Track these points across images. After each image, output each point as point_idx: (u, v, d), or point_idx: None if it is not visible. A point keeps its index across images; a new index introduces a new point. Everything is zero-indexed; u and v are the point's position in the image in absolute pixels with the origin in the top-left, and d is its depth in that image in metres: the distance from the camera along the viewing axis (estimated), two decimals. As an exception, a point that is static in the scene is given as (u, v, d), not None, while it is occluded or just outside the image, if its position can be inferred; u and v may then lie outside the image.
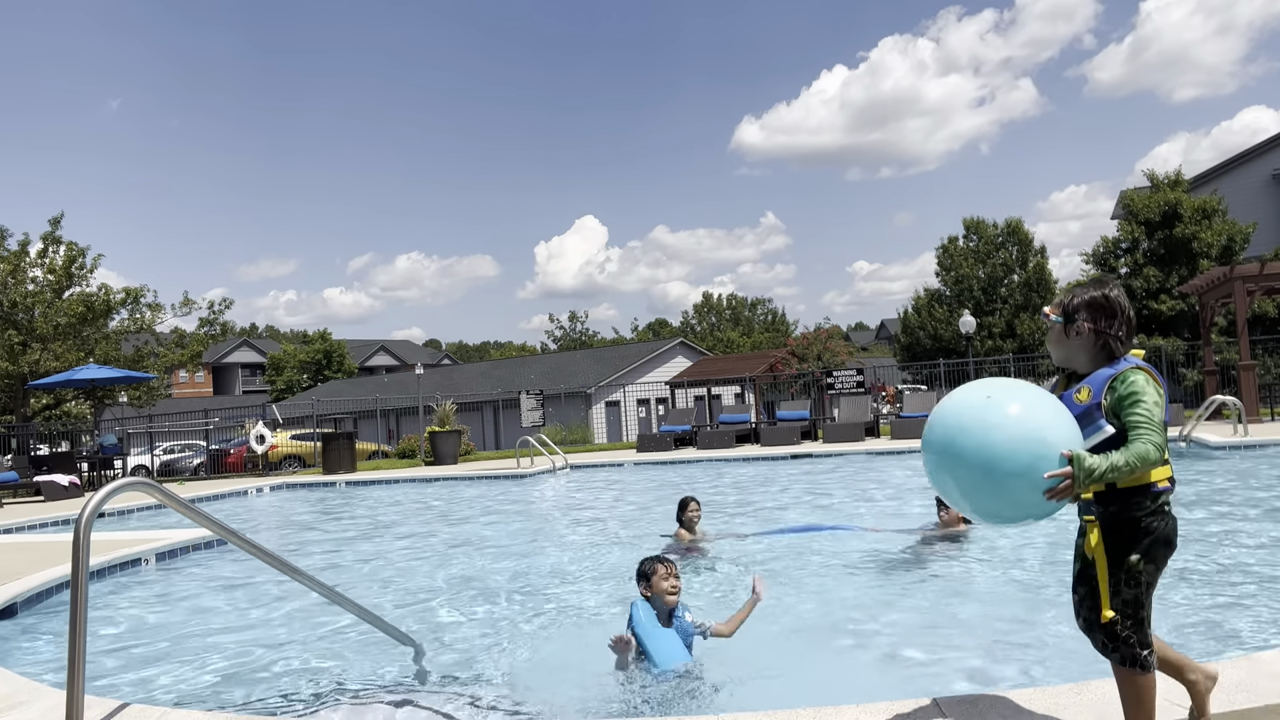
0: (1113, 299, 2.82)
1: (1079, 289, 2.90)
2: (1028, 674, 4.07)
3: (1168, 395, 2.77)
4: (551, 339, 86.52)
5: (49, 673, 4.75)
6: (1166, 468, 2.71)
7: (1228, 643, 4.35)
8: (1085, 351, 2.83)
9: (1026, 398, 2.79)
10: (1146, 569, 2.71)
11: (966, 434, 2.77)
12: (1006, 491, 2.76)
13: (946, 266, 41.05)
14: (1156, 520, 2.72)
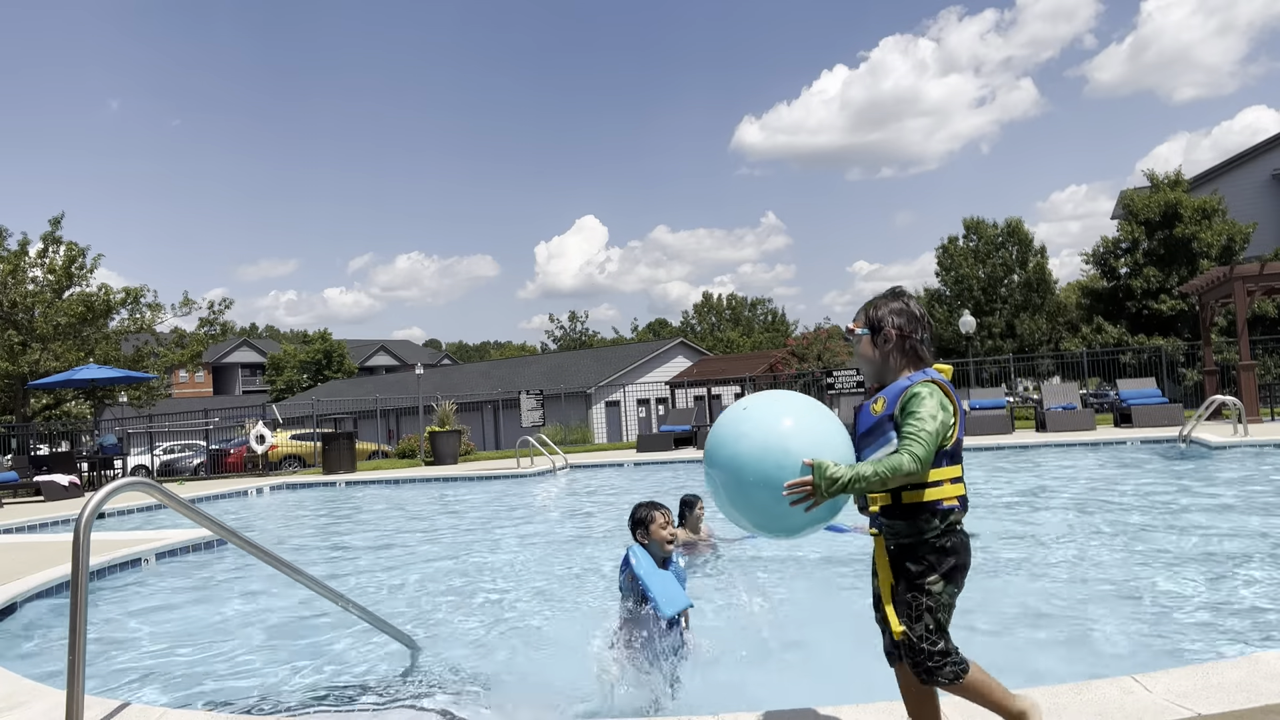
0: (913, 306, 2.83)
1: (879, 300, 2.89)
2: (1028, 674, 4.07)
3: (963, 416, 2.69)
4: (551, 339, 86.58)
5: (49, 673, 4.75)
6: (957, 486, 2.66)
7: (1227, 643, 4.35)
8: (894, 360, 2.81)
9: (781, 407, 2.79)
10: (932, 587, 2.65)
11: (720, 445, 2.79)
12: (753, 500, 2.73)
13: (946, 266, 41.06)
14: (943, 538, 2.66)
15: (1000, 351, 37.12)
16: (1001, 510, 9.07)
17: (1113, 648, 4.41)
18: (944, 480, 2.65)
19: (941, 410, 2.62)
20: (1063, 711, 2.99)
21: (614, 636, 4.21)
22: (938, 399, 2.64)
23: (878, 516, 2.74)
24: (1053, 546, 7.01)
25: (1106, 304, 34.22)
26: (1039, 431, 17.94)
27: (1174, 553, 6.50)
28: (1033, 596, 5.53)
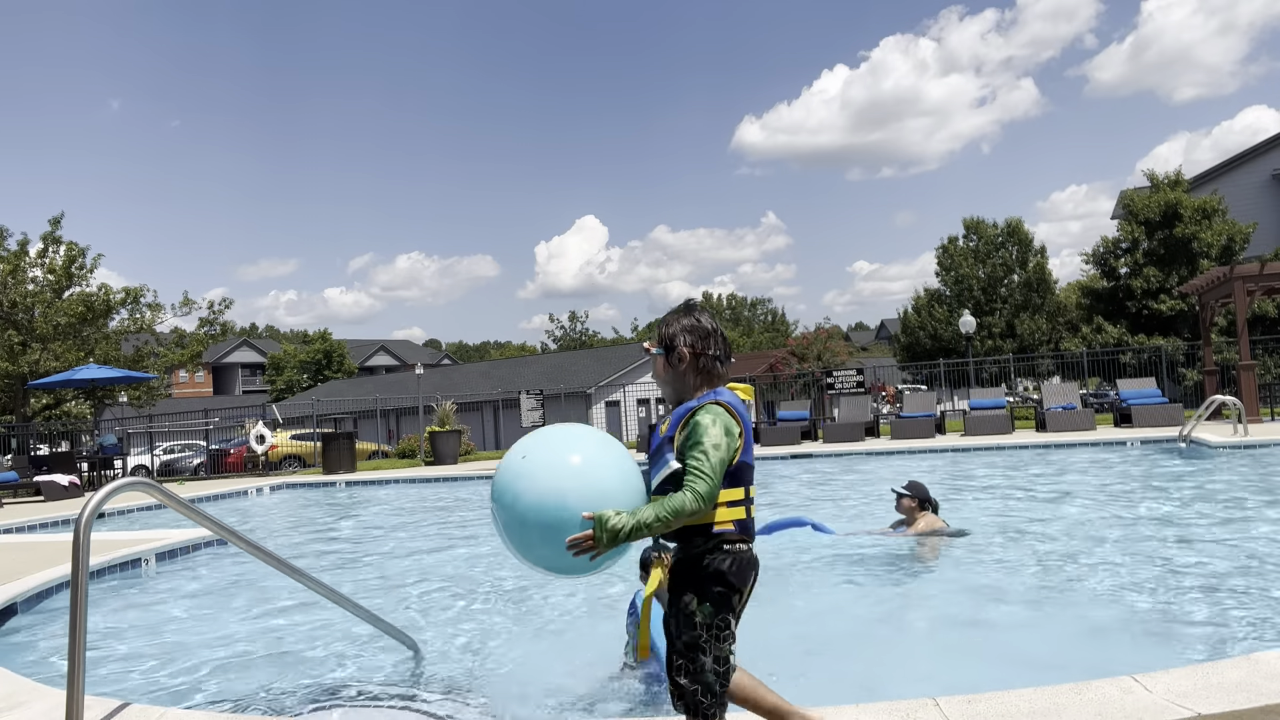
0: (704, 321, 2.77)
1: (670, 317, 2.84)
2: (1028, 674, 4.07)
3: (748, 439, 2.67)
4: (551, 339, 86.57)
5: (49, 673, 4.75)
6: (735, 510, 2.62)
7: (1227, 643, 4.35)
8: (689, 379, 2.76)
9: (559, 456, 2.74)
10: (702, 610, 2.60)
11: (500, 500, 2.75)
12: (539, 554, 2.72)
13: (946, 266, 41.05)
14: (718, 560, 2.61)
15: (1000, 351, 37.11)
16: (1001, 510, 9.06)
17: (1113, 648, 4.41)
18: (720, 504, 2.60)
19: (725, 436, 2.56)
20: (1063, 711, 2.99)
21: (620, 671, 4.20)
22: (722, 425, 2.58)
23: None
24: (1052, 546, 7.00)
25: (1106, 304, 34.21)
26: (1039, 431, 17.94)
27: (1174, 553, 6.50)
28: (1032, 596, 5.53)
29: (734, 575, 2.63)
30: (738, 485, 2.62)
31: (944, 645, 4.62)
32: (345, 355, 72.73)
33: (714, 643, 2.60)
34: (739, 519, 2.63)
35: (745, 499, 2.64)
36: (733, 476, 2.61)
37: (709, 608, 2.61)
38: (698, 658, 2.60)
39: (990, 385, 31.29)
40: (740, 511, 2.63)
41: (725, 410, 2.61)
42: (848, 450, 16.69)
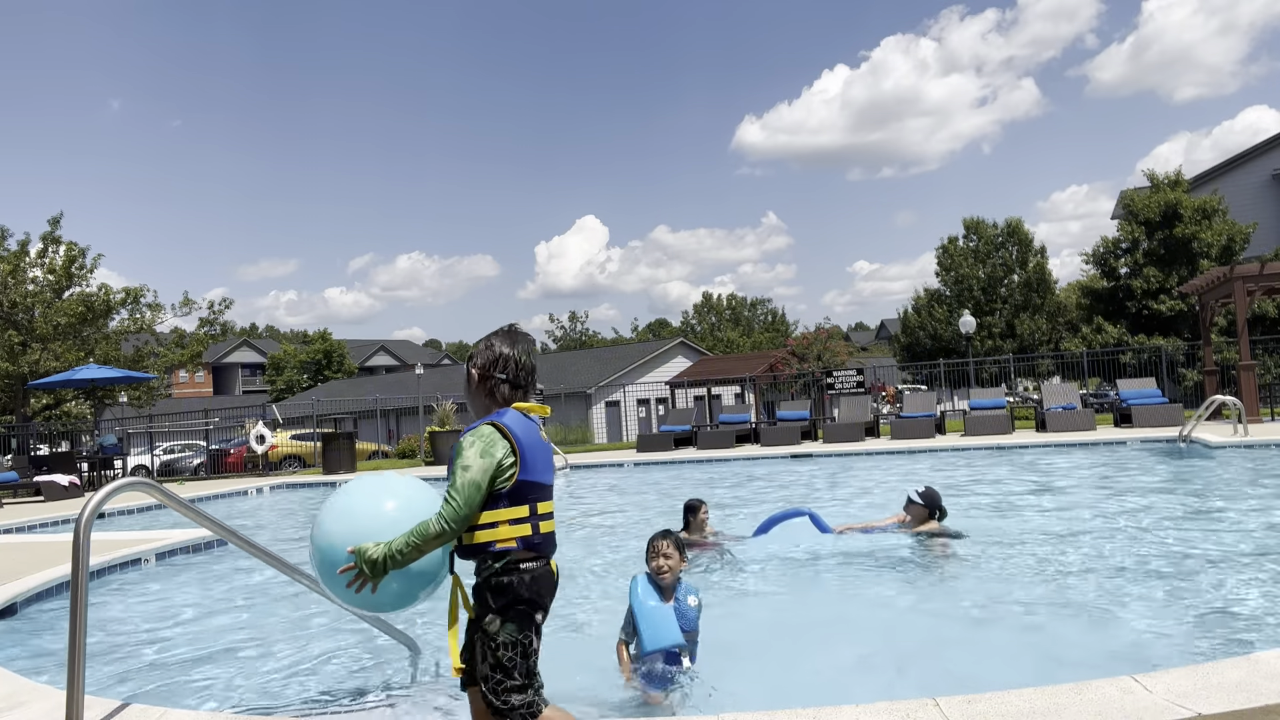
0: (498, 346, 2.86)
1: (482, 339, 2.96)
2: (1028, 674, 4.07)
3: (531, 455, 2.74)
4: (551, 339, 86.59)
5: (49, 673, 4.75)
6: (519, 527, 2.66)
7: (1227, 643, 4.35)
8: (479, 400, 2.87)
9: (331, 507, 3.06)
10: (505, 630, 2.66)
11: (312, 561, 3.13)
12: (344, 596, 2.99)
13: (946, 266, 41.07)
14: (500, 577, 2.67)
15: (1000, 351, 37.12)
16: (1000, 511, 9.07)
17: (1112, 648, 4.41)
18: (501, 522, 2.65)
19: (482, 457, 2.61)
20: (1063, 711, 2.98)
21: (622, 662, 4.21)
22: (480, 447, 2.63)
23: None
24: (1052, 546, 7.00)
25: (1106, 304, 34.22)
26: (1039, 432, 17.94)
27: (1174, 553, 6.50)
28: (1032, 597, 5.53)
29: (530, 592, 2.68)
30: (520, 503, 2.67)
31: (944, 645, 4.62)
32: (345, 355, 72.75)
33: (518, 661, 2.66)
34: (523, 536, 2.67)
35: (532, 516, 2.68)
36: (512, 495, 2.66)
37: (511, 627, 2.67)
38: (504, 679, 2.66)
39: (990, 385, 31.30)
40: (526, 529, 2.67)
41: (496, 431, 2.66)
42: (848, 450, 16.69)
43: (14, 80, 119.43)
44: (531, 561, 2.70)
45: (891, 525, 7.75)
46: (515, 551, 2.67)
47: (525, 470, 2.67)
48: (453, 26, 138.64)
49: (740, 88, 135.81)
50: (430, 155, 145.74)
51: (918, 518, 7.53)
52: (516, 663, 2.67)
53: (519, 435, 2.67)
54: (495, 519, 2.66)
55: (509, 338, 2.89)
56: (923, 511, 7.52)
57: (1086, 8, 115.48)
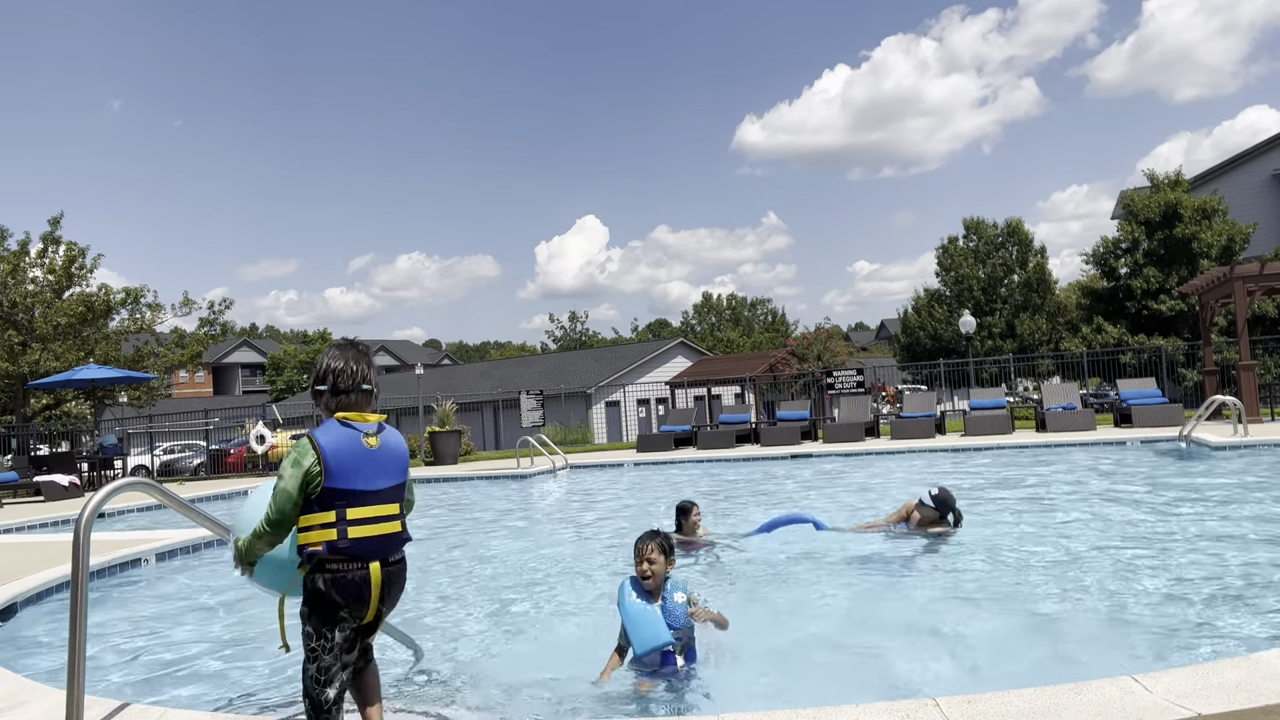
0: (326, 359, 3.03)
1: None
2: (1028, 674, 4.07)
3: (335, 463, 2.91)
4: (551, 339, 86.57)
5: (49, 673, 4.75)
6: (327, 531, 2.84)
7: (1227, 643, 4.35)
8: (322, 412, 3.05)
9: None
10: (310, 623, 2.90)
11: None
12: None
13: (946, 266, 41.06)
14: (317, 579, 2.86)
15: (1000, 351, 37.12)
16: (1001, 511, 9.06)
17: (1113, 648, 4.41)
18: (313, 526, 2.85)
19: (294, 467, 2.83)
20: (1063, 711, 2.98)
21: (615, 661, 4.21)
22: (293, 457, 2.86)
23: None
24: (1052, 547, 7.00)
25: (1106, 304, 34.22)
26: (1039, 432, 17.94)
27: (1174, 553, 6.50)
28: (1032, 597, 5.53)
29: (331, 593, 2.85)
30: (328, 509, 2.84)
31: (944, 645, 4.62)
32: (345, 355, 72.64)
33: (319, 654, 2.89)
34: (329, 540, 2.83)
35: (339, 521, 2.83)
36: (320, 501, 2.84)
37: (315, 621, 2.89)
38: (306, 667, 2.94)
39: (990, 385, 31.29)
40: (333, 533, 2.83)
41: (309, 442, 2.88)
42: (848, 450, 16.69)
43: (15, 79, 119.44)
44: (338, 564, 2.84)
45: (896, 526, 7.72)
46: (321, 554, 2.83)
47: (330, 478, 2.82)
48: (453, 26, 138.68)
49: (741, 87, 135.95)
50: (430, 155, 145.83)
51: (927, 520, 7.49)
52: (317, 656, 2.89)
53: (325, 446, 2.85)
54: (308, 523, 2.86)
55: (338, 350, 3.05)
56: (933, 514, 7.48)
57: (1087, 8, 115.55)
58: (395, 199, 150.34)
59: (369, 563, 2.88)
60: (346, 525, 2.84)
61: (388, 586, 2.95)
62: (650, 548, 4.23)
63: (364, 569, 2.87)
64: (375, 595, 2.91)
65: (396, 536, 2.97)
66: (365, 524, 2.87)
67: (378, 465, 2.92)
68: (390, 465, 2.96)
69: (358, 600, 2.88)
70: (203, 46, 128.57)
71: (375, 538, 2.90)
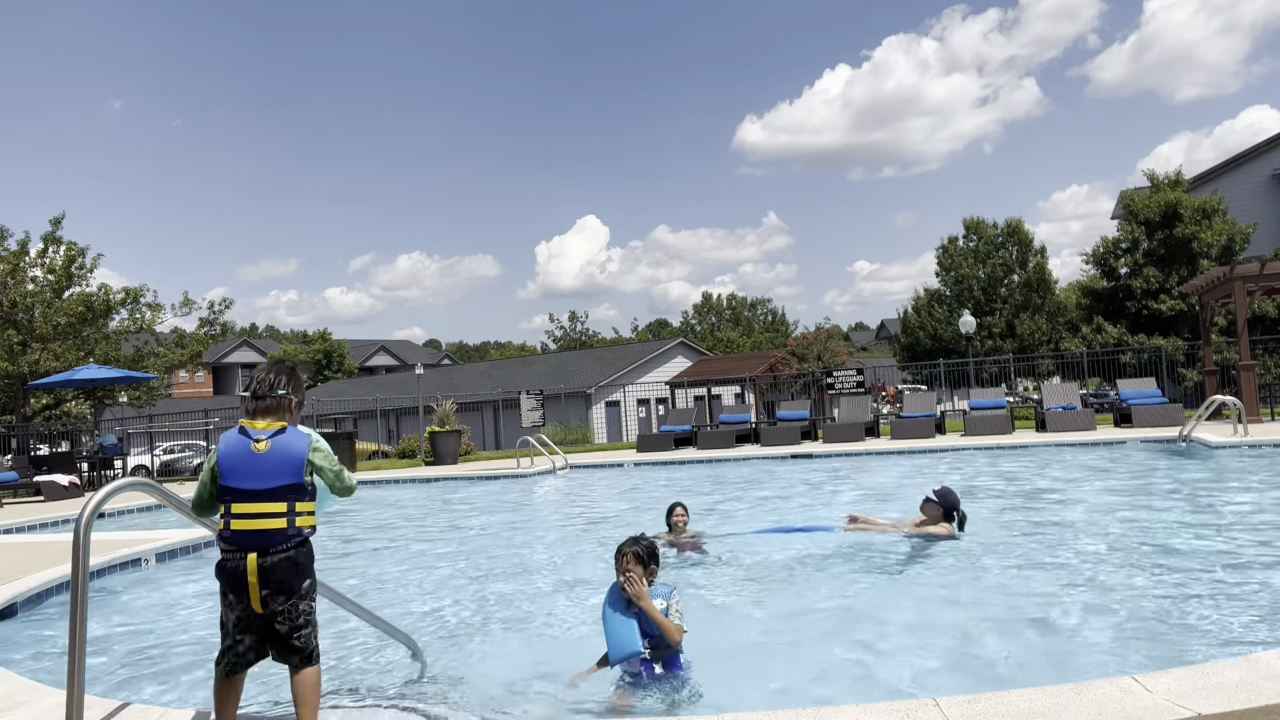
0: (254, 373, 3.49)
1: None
2: (1028, 674, 4.07)
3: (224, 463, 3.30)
4: (552, 339, 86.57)
5: (49, 673, 4.75)
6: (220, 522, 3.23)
7: (1227, 643, 4.35)
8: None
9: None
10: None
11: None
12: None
13: (946, 266, 41.06)
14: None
15: (1000, 351, 37.11)
16: (1001, 511, 9.06)
17: (1113, 648, 4.41)
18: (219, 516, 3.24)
19: (206, 465, 3.28)
20: (1063, 711, 2.98)
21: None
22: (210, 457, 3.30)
23: None
24: (1052, 546, 7.00)
25: (1106, 304, 34.22)
26: (1039, 431, 17.94)
27: (1174, 552, 6.50)
28: (1031, 597, 5.53)
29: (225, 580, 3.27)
30: (220, 503, 3.23)
31: (944, 645, 4.62)
32: (345, 355, 72.76)
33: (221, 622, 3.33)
34: (220, 530, 3.23)
35: (225, 514, 3.21)
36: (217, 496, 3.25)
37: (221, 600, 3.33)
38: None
39: (990, 385, 31.29)
40: (221, 524, 3.22)
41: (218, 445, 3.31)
42: (848, 450, 16.69)
43: (15, 79, 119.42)
44: (222, 552, 3.25)
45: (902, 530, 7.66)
46: (216, 541, 3.28)
47: (219, 478, 3.21)
48: (454, 26, 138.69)
49: (741, 87, 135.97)
50: (431, 155, 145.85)
51: (932, 517, 7.47)
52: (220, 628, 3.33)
53: (219, 450, 3.26)
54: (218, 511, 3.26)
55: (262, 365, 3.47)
56: (938, 511, 7.47)
57: (1088, 7, 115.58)
58: (396, 198, 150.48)
59: (247, 553, 3.18)
60: (230, 518, 3.19)
61: (266, 576, 3.18)
62: (626, 557, 4.22)
63: (238, 558, 3.19)
64: (254, 583, 3.17)
65: (278, 532, 3.19)
66: (242, 519, 3.17)
67: (251, 468, 3.20)
68: (275, 468, 3.21)
69: (236, 585, 3.22)
70: (203, 45, 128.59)
71: (252, 531, 3.18)
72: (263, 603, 3.18)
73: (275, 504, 3.19)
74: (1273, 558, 6.11)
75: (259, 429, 3.27)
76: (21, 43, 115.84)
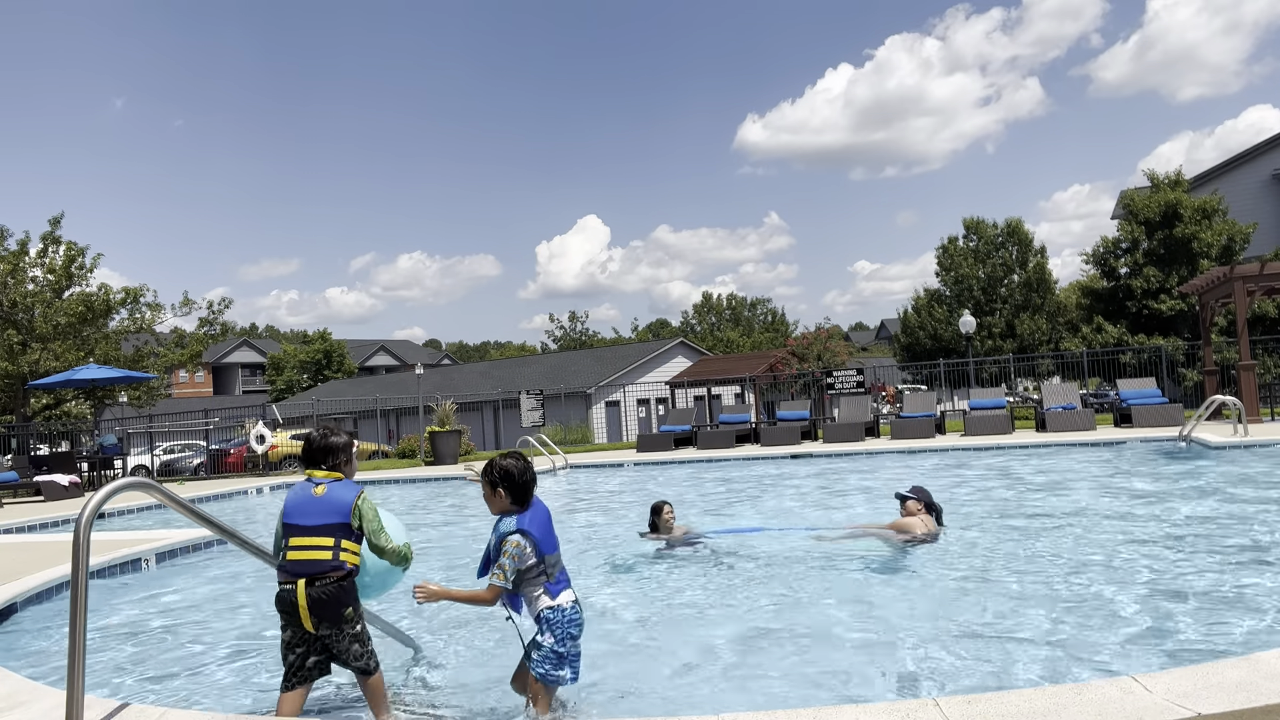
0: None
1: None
2: (1028, 674, 4.07)
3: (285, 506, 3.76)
4: (551, 339, 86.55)
5: (49, 673, 4.75)
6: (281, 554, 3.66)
7: (1227, 643, 4.35)
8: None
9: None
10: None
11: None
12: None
13: (946, 266, 41.05)
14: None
15: (1000, 351, 37.11)
16: (1001, 511, 9.07)
17: (1113, 648, 4.41)
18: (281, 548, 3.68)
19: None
20: (1063, 711, 2.98)
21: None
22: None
23: None
24: (1052, 546, 7.00)
25: (1106, 304, 34.21)
26: (1039, 431, 17.94)
27: (1174, 552, 6.50)
28: (1032, 597, 5.53)
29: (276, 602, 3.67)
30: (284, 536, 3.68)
31: (944, 645, 4.62)
32: (345, 355, 72.72)
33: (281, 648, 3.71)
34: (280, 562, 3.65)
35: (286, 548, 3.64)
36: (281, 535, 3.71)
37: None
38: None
39: (990, 385, 31.29)
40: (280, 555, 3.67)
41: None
42: (848, 450, 16.69)
43: (19, 79, 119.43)
44: (279, 582, 3.63)
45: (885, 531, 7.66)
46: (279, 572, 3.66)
47: (282, 514, 3.68)
48: (455, 27, 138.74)
49: (743, 86, 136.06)
50: (433, 155, 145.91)
51: (911, 512, 7.48)
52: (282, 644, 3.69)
53: (287, 497, 3.74)
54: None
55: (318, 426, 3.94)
56: (917, 505, 7.47)
57: (1091, 7, 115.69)
58: (397, 199, 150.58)
59: (297, 580, 3.57)
60: (286, 550, 3.63)
61: (313, 604, 3.56)
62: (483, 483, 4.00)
63: (294, 586, 3.58)
64: (303, 605, 3.55)
65: (324, 562, 3.59)
66: (298, 550, 3.61)
67: (309, 507, 3.65)
68: (328, 509, 3.64)
69: (290, 609, 3.59)
70: (205, 45, 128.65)
71: (303, 560, 3.60)
72: (314, 625, 3.59)
73: (324, 539, 3.60)
74: (1273, 557, 6.11)
75: (320, 476, 3.76)
76: (24, 43, 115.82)
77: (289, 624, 3.63)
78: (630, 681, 4.31)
